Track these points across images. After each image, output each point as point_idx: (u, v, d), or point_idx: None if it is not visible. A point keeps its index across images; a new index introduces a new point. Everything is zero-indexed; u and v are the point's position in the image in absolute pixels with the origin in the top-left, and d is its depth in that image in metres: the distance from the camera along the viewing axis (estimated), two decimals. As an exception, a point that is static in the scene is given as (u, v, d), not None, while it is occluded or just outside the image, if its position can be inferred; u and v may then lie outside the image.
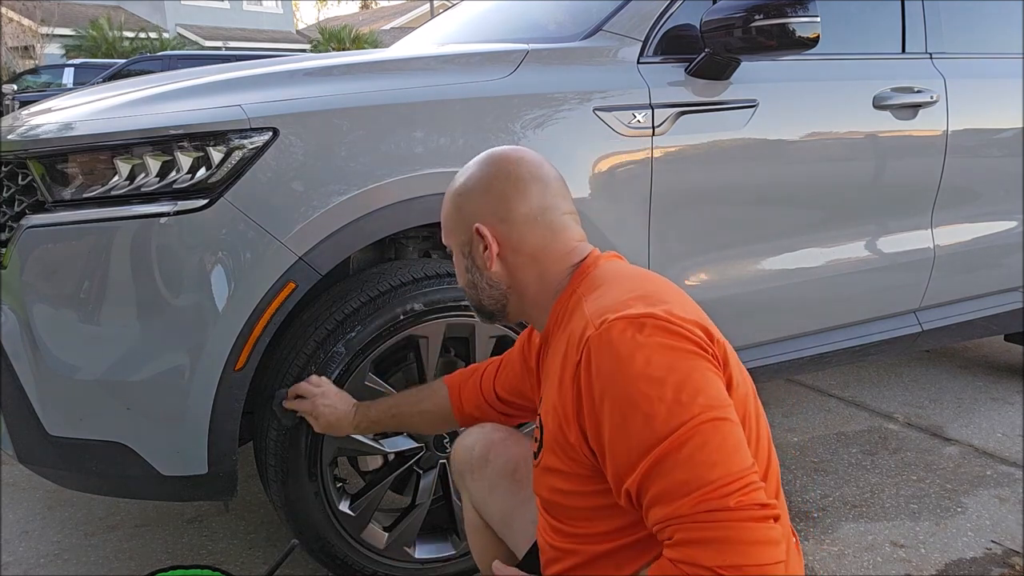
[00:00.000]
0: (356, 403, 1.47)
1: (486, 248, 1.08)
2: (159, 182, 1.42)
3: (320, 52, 14.36)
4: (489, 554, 1.33)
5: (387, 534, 1.66)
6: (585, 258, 1.08)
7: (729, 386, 0.91)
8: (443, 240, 1.16)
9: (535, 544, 1.15)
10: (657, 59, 1.86)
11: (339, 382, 1.52)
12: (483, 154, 1.13)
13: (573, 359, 0.93)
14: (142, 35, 20.08)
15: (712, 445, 0.83)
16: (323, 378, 1.48)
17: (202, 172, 1.43)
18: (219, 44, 21.89)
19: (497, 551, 1.31)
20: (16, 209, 1.49)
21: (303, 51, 23.35)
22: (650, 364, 0.86)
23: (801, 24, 1.71)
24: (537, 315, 1.12)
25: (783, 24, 1.70)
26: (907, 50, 2.26)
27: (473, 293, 1.14)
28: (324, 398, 1.45)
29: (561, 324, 1.04)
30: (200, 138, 1.42)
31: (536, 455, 1.07)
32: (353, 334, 1.52)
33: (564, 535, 1.02)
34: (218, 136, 1.43)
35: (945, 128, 2.25)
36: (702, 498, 0.81)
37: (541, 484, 1.06)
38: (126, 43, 19.44)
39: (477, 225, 1.08)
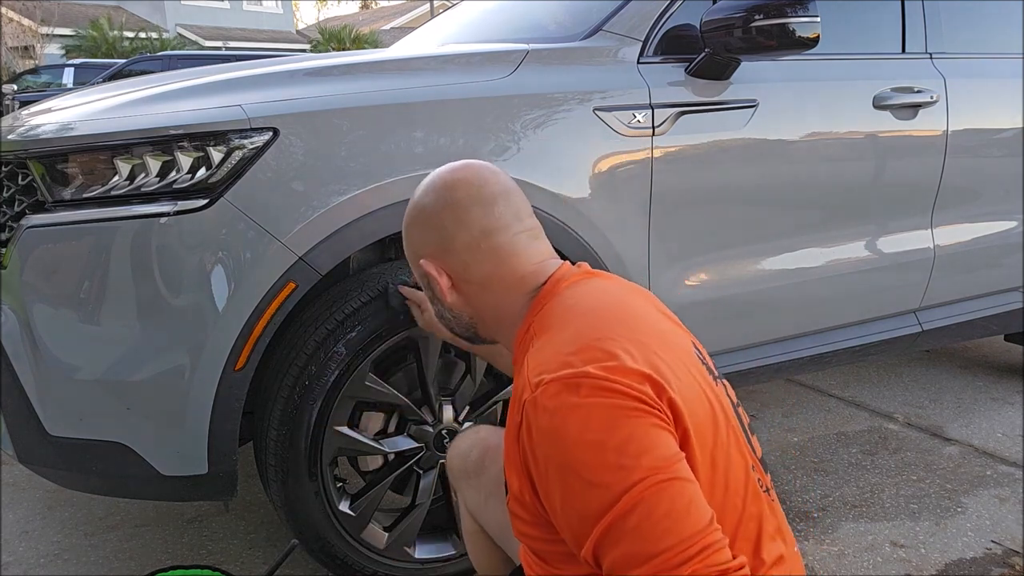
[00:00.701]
0: None
1: (436, 282, 1.05)
2: (159, 182, 1.42)
3: (320, 52, 14.36)
4: (486, 560, 1.31)
5: (387, 534, 1.66)
6: (544, 284, 1.01)
7: (685, 441, 0.85)
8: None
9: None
10: (657, 59, 1.86)
11: (339, 382, 1.53)
12: (428, 177, 1.08)
13: (515, 420, 0.89)
14: (142, 35, 20.08)
15: (661, 511, 0.77)
16: None
17: (202, 172, 1.43)
18: (219, 44, 21.89)
19: (494, 556, 1.30)
20: (16, 209, 1.49)
21: (303, 51, 23.35)
22: (587, 428, 0.80)
23: (801, 24, 1.71)
24: (505, 342, 1.08)
25: (783, 24, 1.70)
26: (907, 50, 2.26)
27: (444, 323, 1.12)
28: None
29: (519, 362, 0.98)
30: (200, 138, 1.42)
31: (506, 493, 1.01)
32: (353, 334, 1.52)
33: (545, 572, 0.98)
34: (218, 136, 1.42)
35: (945, 128, 2.24)
36: (656, 570, 0.76)
37: (514, 528, 1.00)
38: (126, 43, 19.45)
39: (421, 261, 1.05)
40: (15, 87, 9.88)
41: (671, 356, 0.91)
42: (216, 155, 1.42)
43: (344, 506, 1.62)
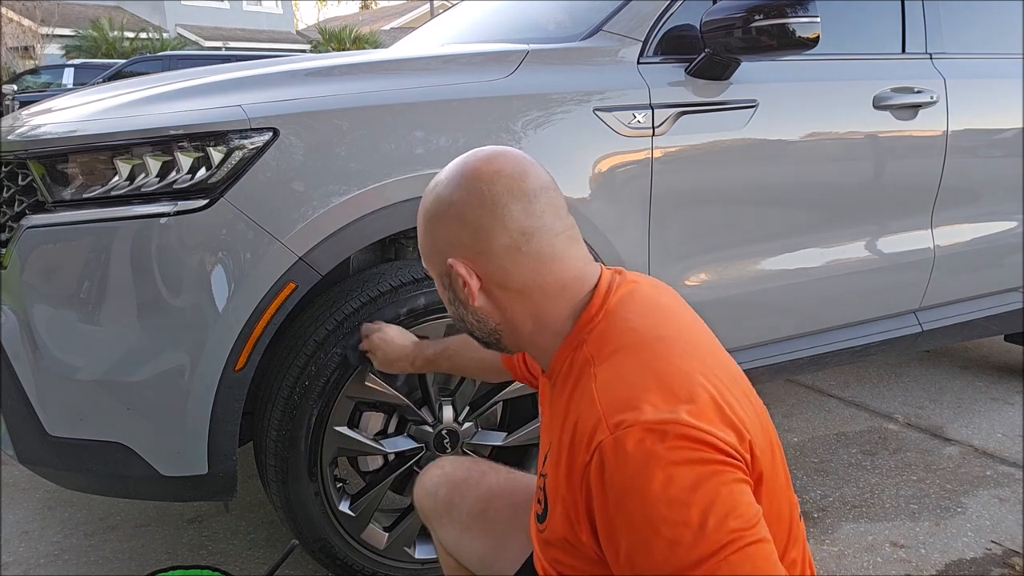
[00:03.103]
0: (416, 341, 1.48)
1: (465, 284, 0.93)
2: (159, 182, 1.42)
3: (320, 52, 14.35)
4: None
5: (387, 534, 1.67)
6: (591, 297, 0.92)
7: (757, 486, 0.82)
8: (423, 263, 1.02)
9: (521, 568, 1.12)
10: (657, 59, 1.86)
11: (339, 382, 1.53)
12: (455, 165, 0.95)
13: (582, 458, 0.81)
14: (142, 35, 20.08)
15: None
16: (382, 323, 1.51)
17: (202, 172, 1.43)
18: (219, 44, 21.90)
19: None
20: (16, 209, 1.49)
21: (303, 51, 23.35)
22: (672, 483, 0.75)
23: (801, 24, 1.71)
24: (538, 355, 0.98)
25: (783, 24, 1.70)
26: (907, 50, 2.26)
27: (463, 326, 1.01)
28: (384, 334, 1.47)
29: (568, 378, 0.91)
30: (200, 138, 1.42)
31: (540, 519, 0.93)
32: (353, 334, 1.52)
33: None
34: (218, 136, 1.43)
35: (945, 128, 2.25)
36: None
37: (545, 554, 0.93)
38: (126, 43, 19.44)
39: (450, 261, 0.93)
40: (15, 87, 9.86)
41: (731, 381, 0.87)
42: (216, 155, 1.43)
43: (344, 506, 1.62)
